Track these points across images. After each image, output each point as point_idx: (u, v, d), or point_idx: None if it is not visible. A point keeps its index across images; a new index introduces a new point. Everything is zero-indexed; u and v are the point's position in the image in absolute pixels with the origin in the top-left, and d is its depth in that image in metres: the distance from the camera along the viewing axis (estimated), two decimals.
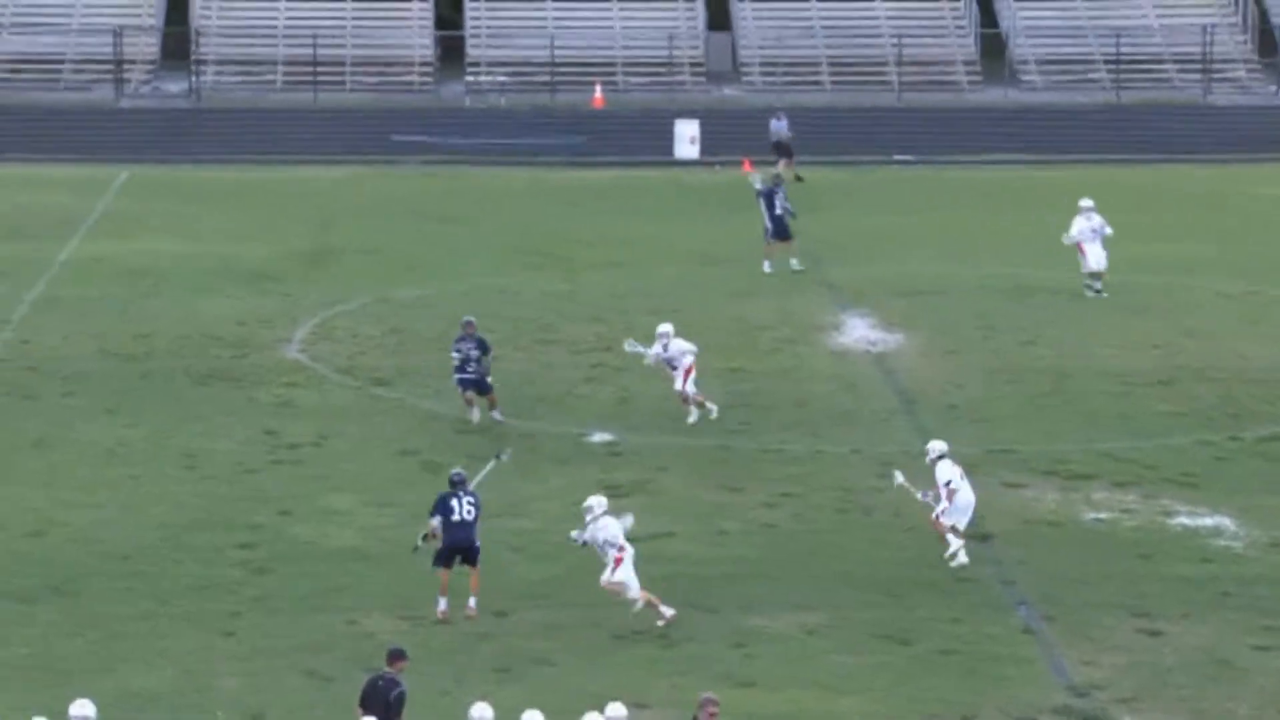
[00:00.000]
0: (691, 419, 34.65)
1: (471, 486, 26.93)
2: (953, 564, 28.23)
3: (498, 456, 28.41)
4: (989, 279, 45.92)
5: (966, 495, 28.75)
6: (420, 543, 26.72)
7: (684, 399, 34.82)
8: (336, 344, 40.10)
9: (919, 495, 28.83)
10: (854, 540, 29.33)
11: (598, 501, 26.72)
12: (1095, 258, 44.22)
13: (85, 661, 24.88)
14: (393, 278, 45.85)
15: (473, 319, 35.34)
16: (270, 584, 27.43)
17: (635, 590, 26.09)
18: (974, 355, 39.58)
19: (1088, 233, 44.21)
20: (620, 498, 30.87)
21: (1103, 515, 30.49)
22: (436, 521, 26.38)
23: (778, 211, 46.11)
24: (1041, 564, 28.41)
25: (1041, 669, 25.08)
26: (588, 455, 33.11)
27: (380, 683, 21.66)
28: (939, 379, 37.77)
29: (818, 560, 28.53)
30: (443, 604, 26.07)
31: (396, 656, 21.99)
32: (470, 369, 34.44)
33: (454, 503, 26.48)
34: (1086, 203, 44.74)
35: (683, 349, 34.85)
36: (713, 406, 34.77)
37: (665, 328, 35.25)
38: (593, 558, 27.51)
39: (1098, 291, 43.95)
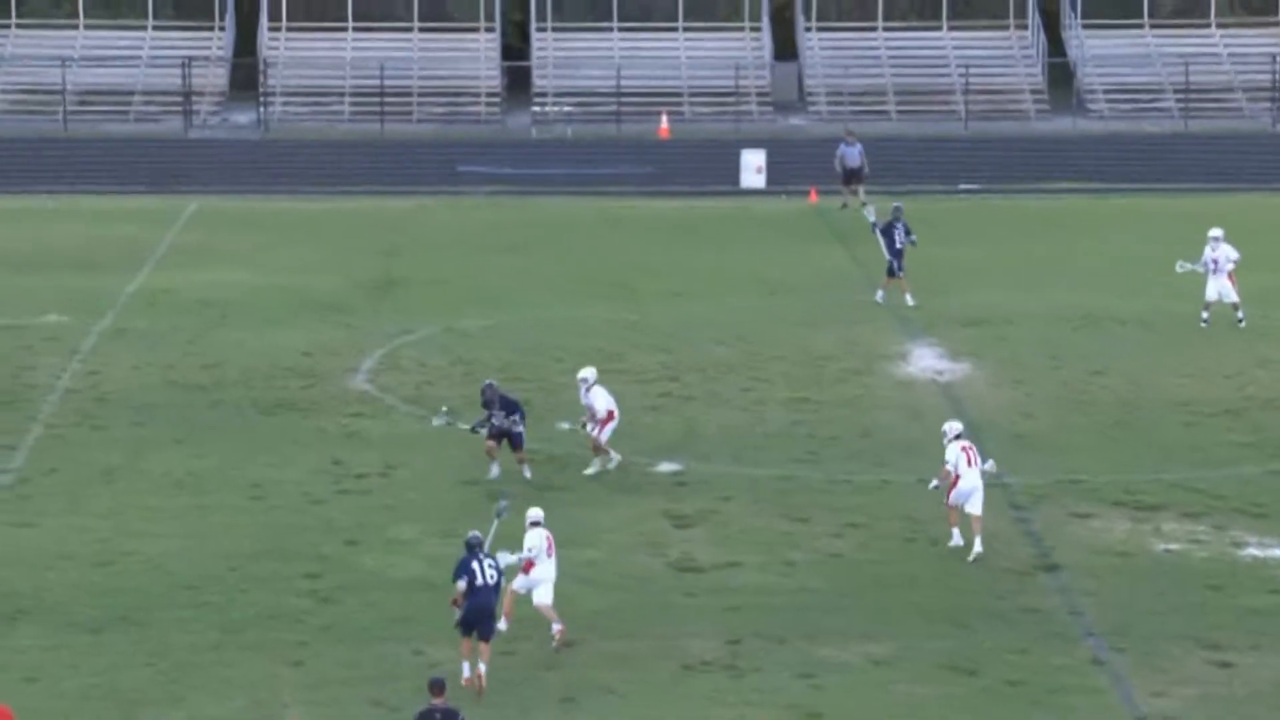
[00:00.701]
0: (591, 469, 33.35)
1: (486, 548, 25.86)
2: (949, 544, 29.65)
3: (499, 515, 26.89)
4: (1057, 308, 45.78)
5: (969, 480, 29.80)
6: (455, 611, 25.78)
7: (595, 448, 33.44)
8: (403, 374, 40.19)
9: (932, 485, 30.39)
10: (921, 570, 29.23)
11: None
12: (1213, 288, 43.91)
13: (153, 691, 24.96)
14: (459, 308, 45.96)
15: (493, 382, 33.96)
16: (337, 614, 27.48)
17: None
18: (1042, 385, 39.44)
19: (1209, 262, 43.99)
20: (686, 527, 30.92)
21: (1172, 546, 30.32)
22: (463, 584, 25.36)
23: (899, 245, 45.77)
24: (1110, 595, 28.27)
25: (1110, 700, 24.95)
26: (654, 485, 33.09)
27: (438, 716, 21.61)
28: (1006, 409, 37.65)
29: (885, 590, 28.45)
30: (467, 669, 25.14)
31: (440, 688, 21.88)
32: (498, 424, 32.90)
33: (475, 566, 25.43)
34: (1215, 232, 44.48)
35: (602, 401, 33.39)
36: (616, 456, 33.54)
37: (586, 373, 33.81)
38: (659, 593, 27.59)
39: (1205, 321, 43.74)
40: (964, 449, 30.25)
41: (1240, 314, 43.87)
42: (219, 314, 45.21)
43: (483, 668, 25.11)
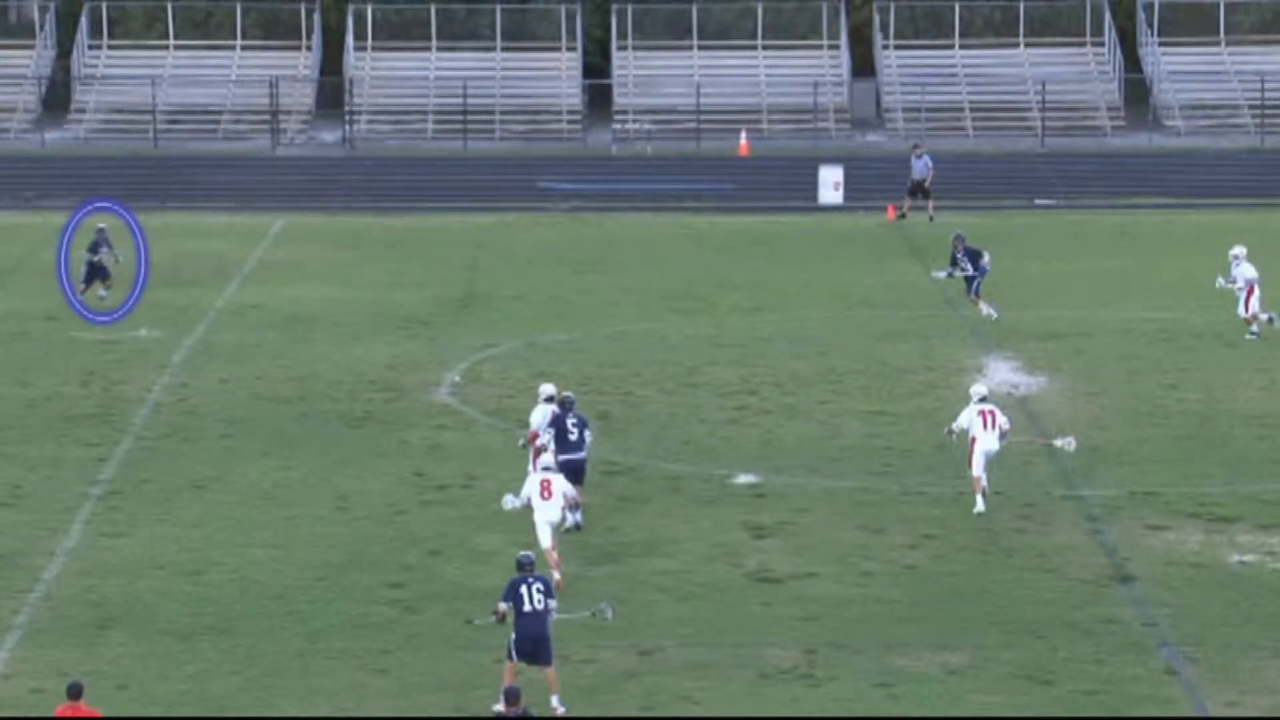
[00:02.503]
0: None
1: (555, 618, 24.96)
2: (977, 507, 31.71)
3: (599, 613, 26.05)
4: (1132, 322, 45.65)
5: (983, 443, 31.97)
6: (475, 620, 25.68)
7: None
8: (485, 387, 40.37)
9: (946, 433, 33.02)
10: (996, 581, 29.20)
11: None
12: (1242, 306, 44.02)
13: (241, 699, 25.15)
14: (540, 322, 46.12)
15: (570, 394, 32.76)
16: (420, 623, 27.62)
17: None
18: (1117, 398, 39.34)
19: (1239, 280, 43.98)
20: (764, 538, 30.97)
21: (1247, 557, 30.20)
22: (505, 606, 24.86)
23: (976, 271, 45.70)
24: (1185, 606, 28.18)
25: (1185, 709, 24.86)
26: (732, 497, 33.15)
27: None
28: (1082, 421, 37.54)
29: (960, 601, 28.43)
30: (503, 704, 23.61)
31: (515, 697, 21.96)
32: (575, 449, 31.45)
33: (524, 590, 24.68)
34: (1237, 251, 44.39)
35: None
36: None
37: (547, 389, 32.81)
38: (737, 602, 27.67)
39: (1255, 334, 43.73)
40: (982, 412, 32.22)
41: (1254, 328, 43.78)
42: (305, 328, 45.49)
43: (555, 700, 24.45)
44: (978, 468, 31.94)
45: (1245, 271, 44.13)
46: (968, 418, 32.36)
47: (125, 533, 31.44)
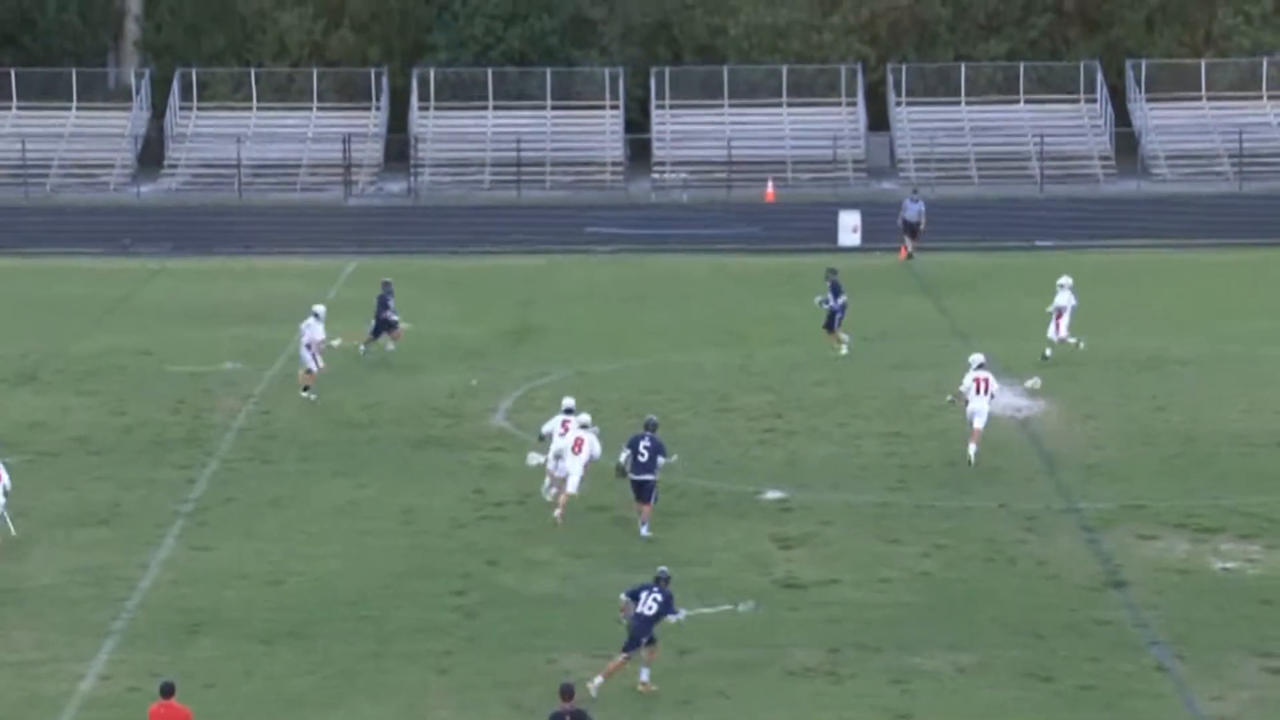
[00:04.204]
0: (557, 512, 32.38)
1: (686, 612, 25.32)
2: (969, 456, 34.58)
3: (744, 607, 26.27)
4: (1124, 351, 45.41)
5: (975, 404, 35.10)
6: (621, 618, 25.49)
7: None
8: (538, 412, 40.19)
9: (948, 399, 36.05)
10: (1001, 587, 29.02)
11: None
12: (1052, 328, 44.30)
13: (317, 696, 25.09)
14: (588, 353, 46.04)
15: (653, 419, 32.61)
16: (479, 627, 27.54)
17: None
18: (1110, 420, 39.12)
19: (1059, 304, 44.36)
20: (790, 548, 30.83)
21: (1229, 564, 29.99)
22: (625, 597, 25.38)
23: (836, 307, 45.25)
24: (1173, 608, 27.98)
25: (1174, 704, 24.68)
26: (761, 511, 33.02)
27: (567, 718, 21.60)
28: (1078, 442, 37.35)
29: (969, 605, 28.26)
30: (599, 682, 24.61)
31: (570, 693, 21.89)
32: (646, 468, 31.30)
33: (643, 594, 25.19)
34: (1064, 280, 44.62)
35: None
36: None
37: (567, 401, 33.83)
38: (766, 607, 27.53)
39: (1046, 357, 43.90)
40: (977, 379, 35.31)
41: (1048, 352, 43.81)
42: (375, 361, 45.44)
43: (644, 673, 25.02)
44: (979, 421, 35.11)
45: (1063, 298, 44.13)
46: (967, 383, 35.38)
47: (212, 546, 31.42)
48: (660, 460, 31.48)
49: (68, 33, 75.67)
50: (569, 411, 33.38)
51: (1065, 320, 44.31)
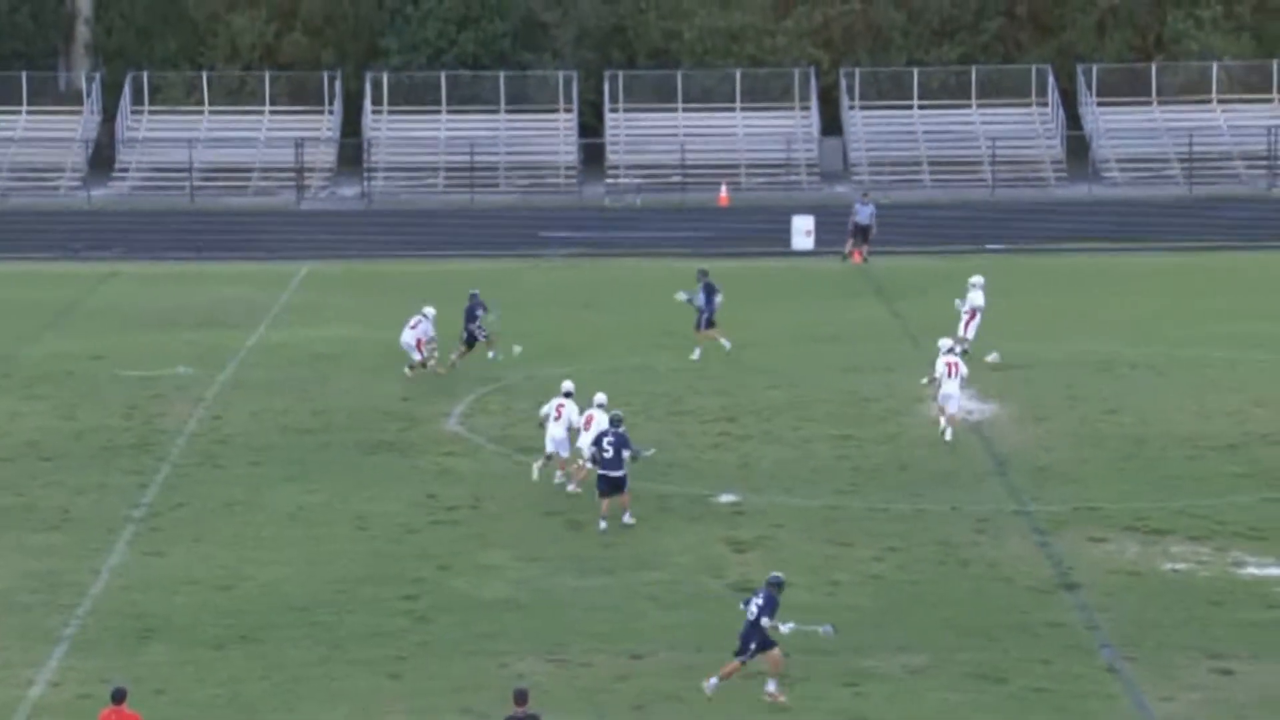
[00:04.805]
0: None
1: (786, 627, 24.77)
2: (945, 437, 36.56)
3: (823, 629, 25.44)
4: (1075, 355, 45.58)
5: (946, 388, 37.08)
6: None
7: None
8: (491, 417, 40.26)
9: (923, 381, 37.96)
10: (953, 589, 29.10)
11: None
12: (971, 327, 44.74)
13: (269, 701, 25.02)
14: (541, 358, 45.99)
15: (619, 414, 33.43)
16: (432, 631, 27.50)
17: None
18: (1062, 422, 39.26)
19: (969, 304, 44.75)
20: (743, 551, 30.86)
21: (1179, 566, 30.13)
22: (742, 606, 25.07)
23: (707, 307, 45.41)
24: (1123, 610, 28.10)
25: (1124, 705, 24.78)
26: (714, 514, 33.05)
27: None
28: (1030, 444, 37.49)
29: (920, 608, 28.33)
30: (711, 682, 24.80)
31: (523, 698, 21.84)
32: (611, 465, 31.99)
33: (749, 598, 25.05)
34: (976, 279, 44.99)
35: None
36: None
37: (566, 384, 35.13)
38: (719, 610, 27.57)
39: (964, 352, 43.81)
40: (948, 364, 37.19)
41: (965, 347, 43.81)
42: (327, 365, 45.38)
43: (771, 684, 24.62)
44: (951, 406, 37.12)
45: (975, 299, 44.44)
46: (940, 367, 37.28)
47: (163, 552, 31.31)
48: (626, 454, 31.92)
49: (18, 35, 75.30)
50: (568, 395, 34.45)
51: (977, 320, 44.56)
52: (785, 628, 24.68)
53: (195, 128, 73.31)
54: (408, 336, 43.53)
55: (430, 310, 43.87)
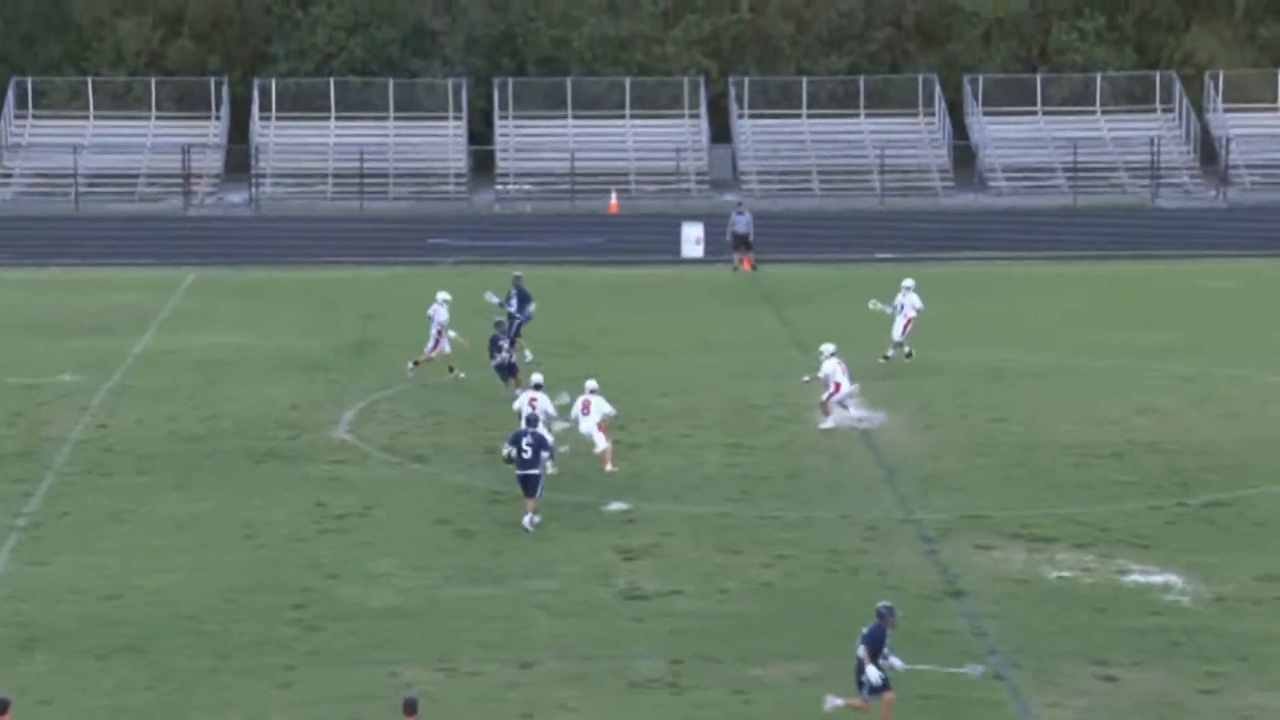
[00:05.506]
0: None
1: (883, 669, 23.83)
2: (820, 428, 38.46)
3: (966, 670, 24.83)
4: (963, 363, 45.90)
5: (847, 387, 38.86)
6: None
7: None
8: (380, 425, 40.11)
9: (805, 379, 39.41)
10: (842, 597, 29.21)
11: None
12: (898, 329, 45.41)
13: (156, 712, 24.80)
14: (431, 366, 45.84)
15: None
16: (320, 640, 27.35)
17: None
18: (950, 430, 39.52)
19: (906, 307, 45.33)
20: (633, 559, 30.88)
21: (1065, 573, 30.37)
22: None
23: (520, 314, 45.76)
24: (1010, 617, 28.29)
25: (1011, 712, 24.94)
26: (605, 522, 33.05)
27: None
28: (919, 452, 37.70)
29: (810, 615, 28.43)
30: (837, 702, 24.02)
31: (413, 707, 21.73)
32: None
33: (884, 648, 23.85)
34: (908, 282, 45.79)
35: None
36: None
37: (536, 377, 36.62)
38: (609, 618, 27.56)
39: (887, 358, 45.05)
40: (840, 365, 38.83)
41: (909, 351, 45.31)
42: (215, 372, 45.08)
43: (838, 700, 23.94)
44: (837, 398, 38.64)
45: (913, 300, 44.90)
46: (831, 367, 38.78)
47: (48, 561, 30.98)
48: (544, 455, 32.36)
49: None
50: (538, 387, 35.61)
51: (914, 321, 45.13)
52: (891, 668, 23.59)
53: (81, 133, 72.72)
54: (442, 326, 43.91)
55: (445, 295, 44.66)
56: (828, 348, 39.38)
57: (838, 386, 38.86)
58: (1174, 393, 42.82)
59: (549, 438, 33.20)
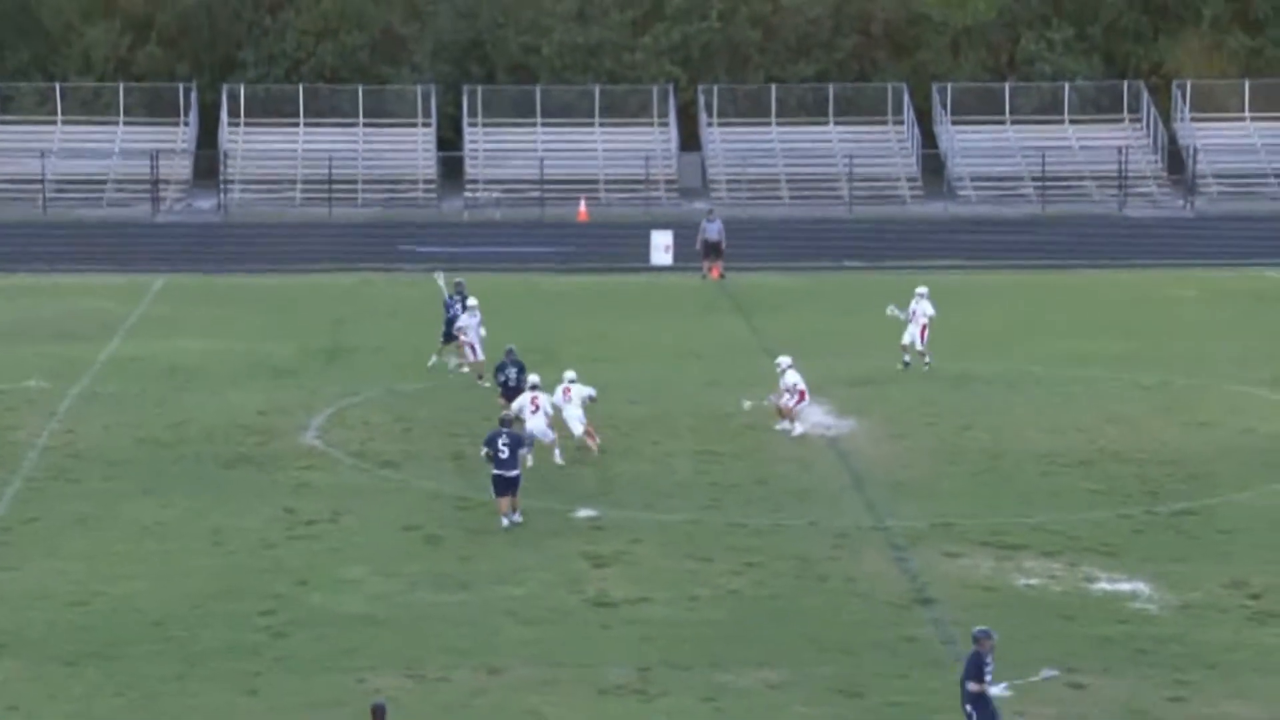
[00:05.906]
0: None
1: (1002, 688, 22.90)
2: (792, 435, 38.70)
3: (1043, 675, 24.42)
4: (932, 370, 45.95)
5: (810, 396, 39.06)
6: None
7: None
8: (349, 431, 40.04)
9: (766, 401, 39.15)
10: (811, 604, 29.23)
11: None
12: (908, 335, 45.61)
13: (123, 717, 24.71)
14: (399, 372, 45.82)
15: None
16: (289, 647, 27.28)
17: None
18: (918, 438, 39.58)
19: (918, 314, 45.53)
20: (602, 566, 30.86)
21: (1032, 581, 30.42)
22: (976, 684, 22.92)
23: (452, 315, 45.73)
24: (978, 625, 28.26)
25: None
26: (573, 529, 33.02)
27: None
28: (887, 460, 37.75)
29: (779, 622, 28.44)
30: None
31: (381, 713, 21.65)
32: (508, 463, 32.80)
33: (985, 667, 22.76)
34: (921, 289, 46.14)
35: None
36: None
37: (533, 378, 37.57)
38: (578, 625, 27.53)
39: (906, 364, 45.16)
40: (799, 375, 39.06)
41: (927, 359, 45.39)
42: (184, 378, 44.97)
43: None
44: (801, 407, 39.14)
45: (925, 308, 44.97)
46: (794, 379, 39.08)
47: (15, 566, 30.86)
48: (521, 453, 32.87)
49: None
50: (534, 388, 36.80)
51: (927, 332, 45.32)
52: (997, 689, 22.84)
53: (48, 139, 72.49)
54: (471, 336, 44.33)
55: (473, 301, 44.88)
56: (785, 359, 39.80)
57: (803, 394, 39.21)
58: (1141, 401, 42.93)
59: (525, 435, 34.14)
